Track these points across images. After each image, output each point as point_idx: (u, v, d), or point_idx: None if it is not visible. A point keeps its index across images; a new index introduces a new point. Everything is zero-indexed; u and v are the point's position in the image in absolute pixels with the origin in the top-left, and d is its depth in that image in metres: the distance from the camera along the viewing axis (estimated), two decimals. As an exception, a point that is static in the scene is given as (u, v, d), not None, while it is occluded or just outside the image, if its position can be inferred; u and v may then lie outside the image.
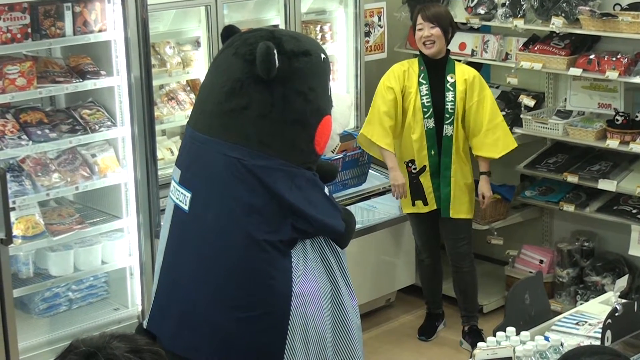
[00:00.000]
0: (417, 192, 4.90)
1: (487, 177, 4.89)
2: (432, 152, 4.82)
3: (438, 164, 4.83)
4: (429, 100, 4.77)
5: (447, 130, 4.79)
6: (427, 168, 4.84)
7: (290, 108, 3.29)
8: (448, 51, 4.86)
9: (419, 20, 4.77)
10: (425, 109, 4.78)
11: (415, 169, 4.87)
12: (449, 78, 4.80)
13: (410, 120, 4.81)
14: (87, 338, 1.74)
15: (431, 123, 4.78)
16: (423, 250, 5.09)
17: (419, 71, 4.81)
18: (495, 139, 4.81)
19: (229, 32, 3.53)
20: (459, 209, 4.87)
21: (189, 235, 3.39)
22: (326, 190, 3.46)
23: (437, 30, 4.74)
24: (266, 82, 3.25)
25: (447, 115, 4.77)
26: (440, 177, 4.84)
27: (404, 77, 4.82)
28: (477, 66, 5.19)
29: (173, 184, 3.47)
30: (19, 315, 4.14)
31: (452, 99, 4.76)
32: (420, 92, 4.78)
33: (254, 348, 3.36)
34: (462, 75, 4.80)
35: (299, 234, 3.35)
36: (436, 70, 4.81)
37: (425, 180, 4.86)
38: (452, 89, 4.78)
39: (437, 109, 4.79)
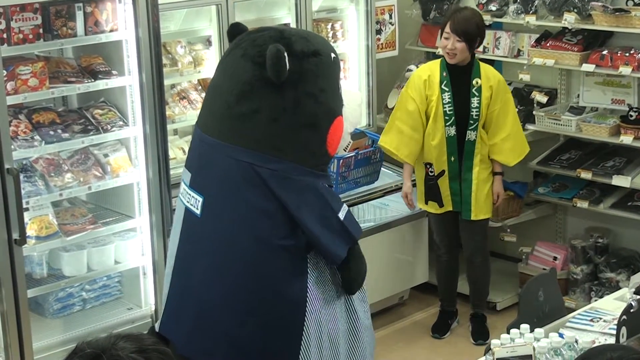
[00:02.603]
0: (432, 194, 4.89)
1: (500, 178, 4.90)
2: (452, 159, 4.80)
3: (458, 169, 4.81)
4: (451, 108, 4.73)
5: (470, 135, 4.76)
6: (446, 173, 4.83)
7: (301, 111, 3.26)
8: (474, 55, 4.80)
9: (447, 29, 4.69)
10: (447, 117, 4.74)
11: (432, 172, 4.86)
12: (474, 83, 4.74)
13: (431, 126, 4.78)
14: (93, 340, 1.72)
15: (452, 130, 4.75)
16: (441, 247, 5.09)
17: (441, 77, 4.75)
18: (513, 145, 4.82)
19: (236, 30, 3.49)
20: (480, 211, 4.87)
21: (201, 239, 3.37)
22: (342, 213, 3.35)
23: (462, 45, 4.66)
24: (277, 85, 3.21)
25: (472, 122, 4.74)
26: (461, 181, 4.82)
27: (425, 86, 4.78)
28: (489, 63, 5.17)
29: (183, 186, 3.44)
30: (33, 315, 4.15)
31: (477, 105, 4.72)
32: (442, 99, 4.74)
33: (268, 354, 3.34)
34: (487, 81, 4.75)
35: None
36: (460, 76, 4.75)
37: (444, 184, 4.85)
38: (477, 94, 4.73)
39: (460, 115, 4.74)
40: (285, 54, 3.17)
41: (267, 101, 3.23)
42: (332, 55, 3.39)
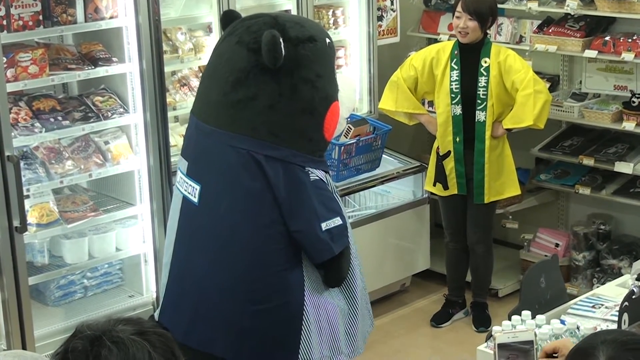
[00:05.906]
0: (439, 175, 4.87)
1: (504, 130, 4.75)
2: (457, 139, 4.76)
3: (463, 151, 4.78)
4: (458, 86, 4.70)
5: (480, 116, 4.71)
6: (452, 154, 4.81)
7: (298, 97, 3.26)
8: (486, 34, 4.76)
9: (459, 7, 4.67)
10: (453, 95, 4.72)
11: (439, 152, 4.85)
12: (483, 62, 4.69)
13: (437, 103, 4.80)
14: (92, 322, 1.74)
15: (458, 109, 4.72)
16: (447, 233, 5.07)
17: (451, 56, 4.73)
18: (517, 111, 4.67)
19: (229, 17, 3.48)
20: (493, 194, 4.82)
21: (200, 228, 3.37)
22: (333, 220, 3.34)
23: (473, 24, 4.62)
24: (273, 71, 3.21)
25: (479, 101, 4.69)
26: (472, 164, 4.76)
27: (431, 64, 4.78)
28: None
29: (180, 175, 3.43)
30: (34, 303, 4.16)
31: (485, 84, 4.67)
32: (450, 77, 4.72)
33: (270, 340, 3.34)
34: (496, 57, 4.68)
35: None
36: (470, 55, 4.71)
37: (449, 166, 4.83)
38: (485, 73, 4.68)
39: (467, 94, 4.70)
40: (281, 40, 3.16)
41: (263, 88, 3.23)
42: (327, 40, 3.38)
